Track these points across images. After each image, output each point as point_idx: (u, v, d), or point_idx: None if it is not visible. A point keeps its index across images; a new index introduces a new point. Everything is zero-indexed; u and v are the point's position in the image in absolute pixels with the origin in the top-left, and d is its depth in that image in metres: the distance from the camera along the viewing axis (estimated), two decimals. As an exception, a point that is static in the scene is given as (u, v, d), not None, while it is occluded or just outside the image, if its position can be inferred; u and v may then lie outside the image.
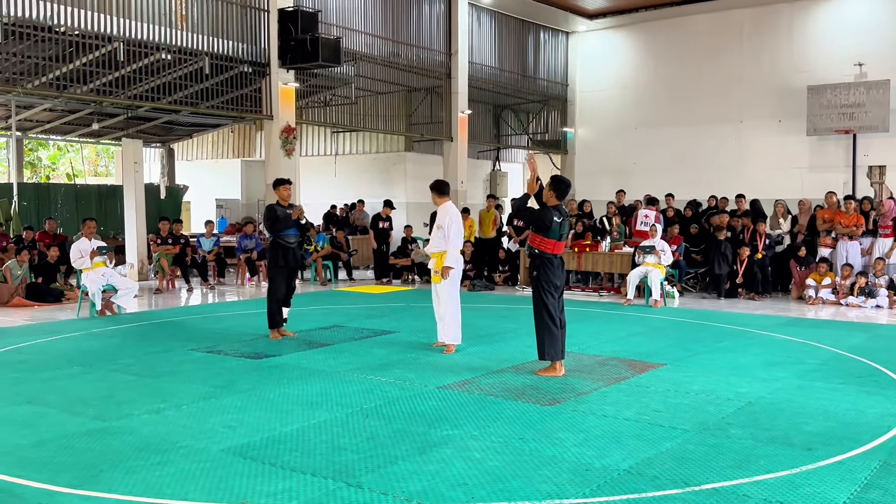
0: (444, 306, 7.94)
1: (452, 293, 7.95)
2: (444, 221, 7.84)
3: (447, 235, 7.80)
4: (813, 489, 4.15)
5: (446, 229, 7.80)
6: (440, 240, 7.88)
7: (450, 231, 7.78)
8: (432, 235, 8.08)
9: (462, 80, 19.66)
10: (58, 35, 12.47)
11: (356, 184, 21.32)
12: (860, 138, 18.34)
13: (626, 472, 4.41)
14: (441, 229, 7.85)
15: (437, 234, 7.90)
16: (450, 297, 7.92)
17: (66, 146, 29.51)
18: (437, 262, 7.92)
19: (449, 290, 7.91)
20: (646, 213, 13.77)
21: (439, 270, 7.87)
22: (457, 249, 7.87)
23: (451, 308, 7.92)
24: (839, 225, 12.80)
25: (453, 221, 7.83)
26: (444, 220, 7.85)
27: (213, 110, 15.47)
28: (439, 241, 7.89)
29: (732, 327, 9.72)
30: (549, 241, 6.79)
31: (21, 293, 11.75)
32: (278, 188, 8.93)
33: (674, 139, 20.99)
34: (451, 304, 7.93)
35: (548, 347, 6.78)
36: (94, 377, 6.83)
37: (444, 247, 7.85)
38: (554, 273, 6.84)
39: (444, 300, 7.94)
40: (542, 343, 6.82)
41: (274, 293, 8.70)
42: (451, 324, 7.94)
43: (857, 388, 6.43)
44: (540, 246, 6.83)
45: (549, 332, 6.75)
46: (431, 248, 8.02)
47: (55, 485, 4.20)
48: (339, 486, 4.18)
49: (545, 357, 6.83)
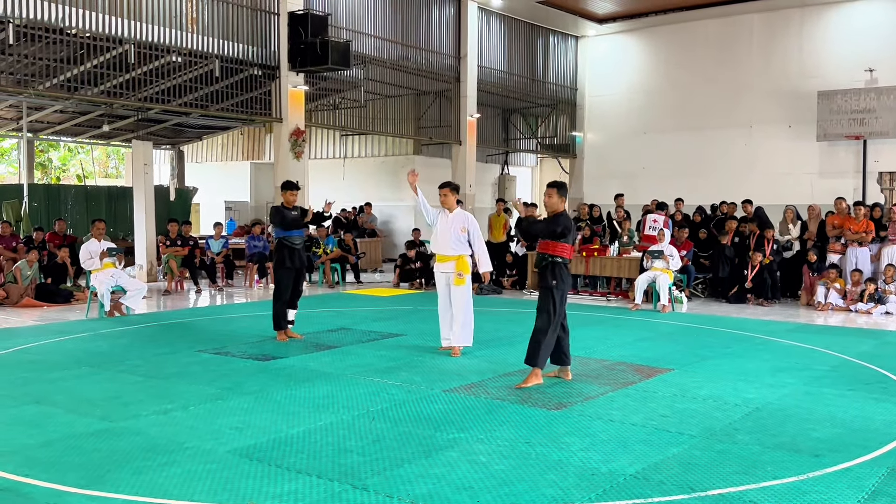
0: (460, 309, 7.90)
1: (469, 296, 8.00)
2: (470, 227, 7.91)
3: (475, 241, 7.90)
4: (820, 496, 4.13)
5: (474, 234, 7.90)
6: (460, 243, 7.89)
7: (477, 237, 7.91)
8: (446, 234, 7.92)
9: (471, 84, 19.69)
10: (69, 37, 12.55)
11: (364, 187, 21.37)
12: (870, 144, 18.28)
13: (633, 477, 4.40)
14: (465, 233, 7.88)
15: (461, 238, 7.89)
16: (467, 300, 7.93)
17: (77, 148, 29.65)
18: (459, 264, 7.88)
19: (467, 294, 7.94)
20: (654, 217, 13.74)
21: (463, 273, 7.85)
22: (487, 254, 8.02)
23: (467, 311, 7.93)
24: (849, 231, 12.75)
25: (475, 226, 7.94)
26: (470, 226, 7.92)
27: (223, 113, 15.53)
28: (459, 244, 7.89)
29: (741, 333, 9.69)
30: (567, 247, 6.67)
31: (30, 294, 11.81)
32: (285, 192, 8.93)
33: (683, 144, 20.95)
34: (468, 306, 7.94)
35: (543, 354, 6.54)
36: (102, 378, 6.85)
37: (462, 250, 7.89)
38: (569, 279, 6.81)
39: (461, 303, 7.90)
40: (538, 349, 6.51)
41: (280, 294, 8.72)
42: (466, 327, 7.94)
43: (865, 395, 6.40)
44: (560, 252, 6.65)
45: (551, 339, 6.58)
46: (447, 248, 7.93)
47: (63, 484, 4.21)
48: (345, 489, 4.18)
49: (537, 363, 6.53)
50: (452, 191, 8.05)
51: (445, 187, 8.06)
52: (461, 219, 7.94)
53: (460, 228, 7.89)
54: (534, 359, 6.56)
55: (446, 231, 7.94)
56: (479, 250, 7.97)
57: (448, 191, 8.03)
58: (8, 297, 11.65)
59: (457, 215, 7.98)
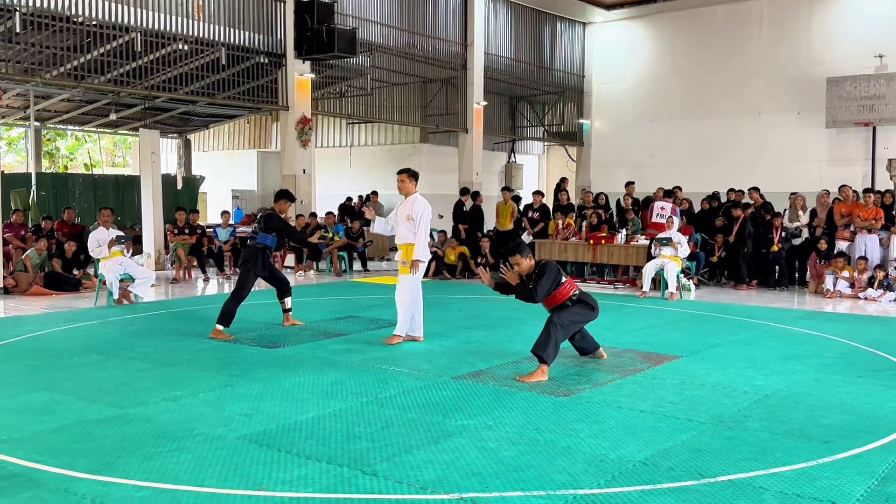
0: (404, 297, 7.75)
1: (417, 287, 7.81)
2: (416, 213, 7.70)
3: (418, 227, 7.67)
4: (829, 482, 4.13)
5: (417, 221, 7.68)
6: (408, 231, 7.73)
7: (421, 223, 7.67)
8: (398, 225, 7.85)
9: (478, 72, 19.62)
10: (76, 25, 12.55)
11: (371, 175, 21.34)
12: (880, 131, 18.17)
13: (642, 463, 4.40)
14: (412, 221, 7.71)
15: (408, 226, 7.74)
16: (413, 291, 7.76)
17: (84, 136, 29.72)
18: (405, 253, 7.78)
19: (413, 284, 7.76)
20: (662, 205, 13.68)
21: (408, 262, 7.73)
22: (427, 242, 7.79)
23: (409, 301, 7.77)
24: (858, 218, 12.68)
25: (425, 215, 7.71)
26: (416, 212, 7.71)
27: (230, 101, 15.53)
28: (408, 232, 7.74)
29: (749, 320, 9.67)
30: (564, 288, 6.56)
31: (39, 282, 11.85)
32: (282, 201, 8.68)
33: (691, 132, 20.85)
34: (412, 297, 7.78)
35: (553, 349, 6.42)
36: (112, 365, 6.88)
37: (412, 238, 7.72)
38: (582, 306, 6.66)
39: (406, 292, 7.73)
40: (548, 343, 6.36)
41: (240, 296, 8.29)
42: (415, 316, 7.84)
43: (874, 382, 6.38)
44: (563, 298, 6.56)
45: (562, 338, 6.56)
46: (399, 238, 7.85)
47: (73, 470, 4.23)
48: (355, 474, 4.19)
49: (547, 359, 6.38)
50: (410, 177, 7.89)
51: (403, 173, 7.93)
52: (408, 206, 7.79)
53: (406, 216, 7.77)
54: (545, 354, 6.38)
55: (399, 219, 7.85)
56: (418, 238, 7.69)
57: (405, 176, 7.89)
58: (17, 285, 11.69)
59: (406, 203, 7.84)
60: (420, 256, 7.71)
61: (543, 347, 6.38)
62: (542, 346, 6.39)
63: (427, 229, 7.77)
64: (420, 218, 7.69)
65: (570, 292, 6.63)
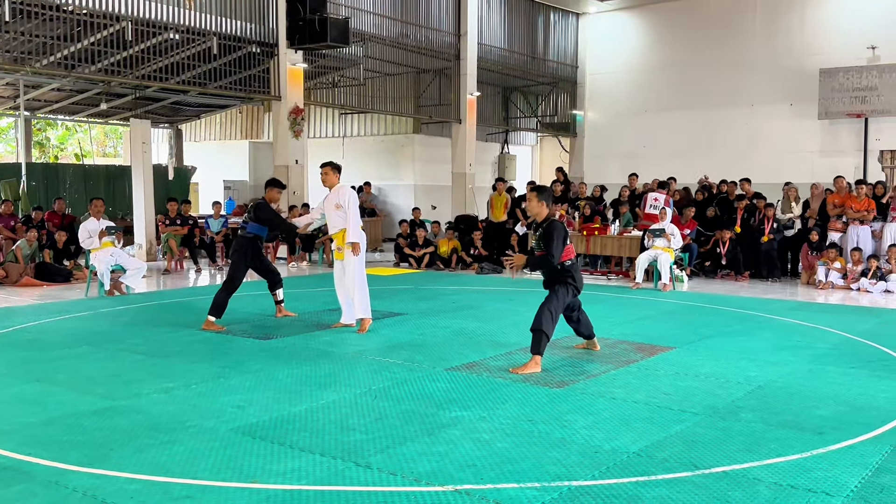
0: (352, 282, 7.98)
1: (360, 269, 8.07)
2: (343, 201, 8.01)
3: (348, 213, 7.96)
4: (823, 473, 4.13)
5: (346, 208, 7.98)
6: (340, 219, 8.04)
7: (350, 209, 7.96)
8: (329, 215, 8.16)
9: (471, 62, 19.55)
10: (66, 14, 12.43)
11: (364, 166, 21.28)
12: (872, 122, 18.21)
13: (636, 454, 4.40)
14: (341, 209, 8.00)
15: (337, 214, 8.05)
16: (358, 273, 8.01)
17: (75, 126, 29.51)
18: (340, 240, 8.05)
19: (357, 266, 8.01)
20: (655, 196, 13.69)
21: (343, 247, 8.02)
22: (358, 226, 8.03)
23: (359, 283, 8.00)
24: (850, 209, 12.71)
25: (352, 201, 8.02)
26: (343, 200, 8.01)
27: (222, 91, 15.43)
28: (339, 220, 8.05)
29: (742, 311, 9.68)
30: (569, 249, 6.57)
31: (30, 273, 11.78)
32: (272, 189, 8.75)
33: (684, 123, 20.85)
34: (359, 279, 8.02)
35: (546, 341, 6.38)
36: (103, 356, 6.84)
37: (343, 225, 8.00)
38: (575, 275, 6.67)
39: (352, 276, 7.99)
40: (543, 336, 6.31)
41: (232, 287, 8.29)
42: (361, 299, 8.01)
43: (867, 373, 6.40)
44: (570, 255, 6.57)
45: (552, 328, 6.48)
46: (332, 228, 8.16)
47: (65, 463, 4.20)
48: (348, 466, 4.17)
49: (540, 350, 6.34)
50: (333, 169, 8.21)
51: (326, 166, 8.22)
52: (335, 196, 8.09)
53: (335, 205, 8.05)
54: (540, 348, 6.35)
55: (328, 209, 8.16)
56: (349, 222, 7.98)
57: (328, 169, 8.19)
58: (8, 276, 11.62)
59: (333, 193, 8.13)
60: (354, 238, 8.00)
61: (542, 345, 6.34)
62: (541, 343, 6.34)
63: (356, 214, 8.07)
64: (348, 205, 8.02)
65: (572, 253, 6.64)
